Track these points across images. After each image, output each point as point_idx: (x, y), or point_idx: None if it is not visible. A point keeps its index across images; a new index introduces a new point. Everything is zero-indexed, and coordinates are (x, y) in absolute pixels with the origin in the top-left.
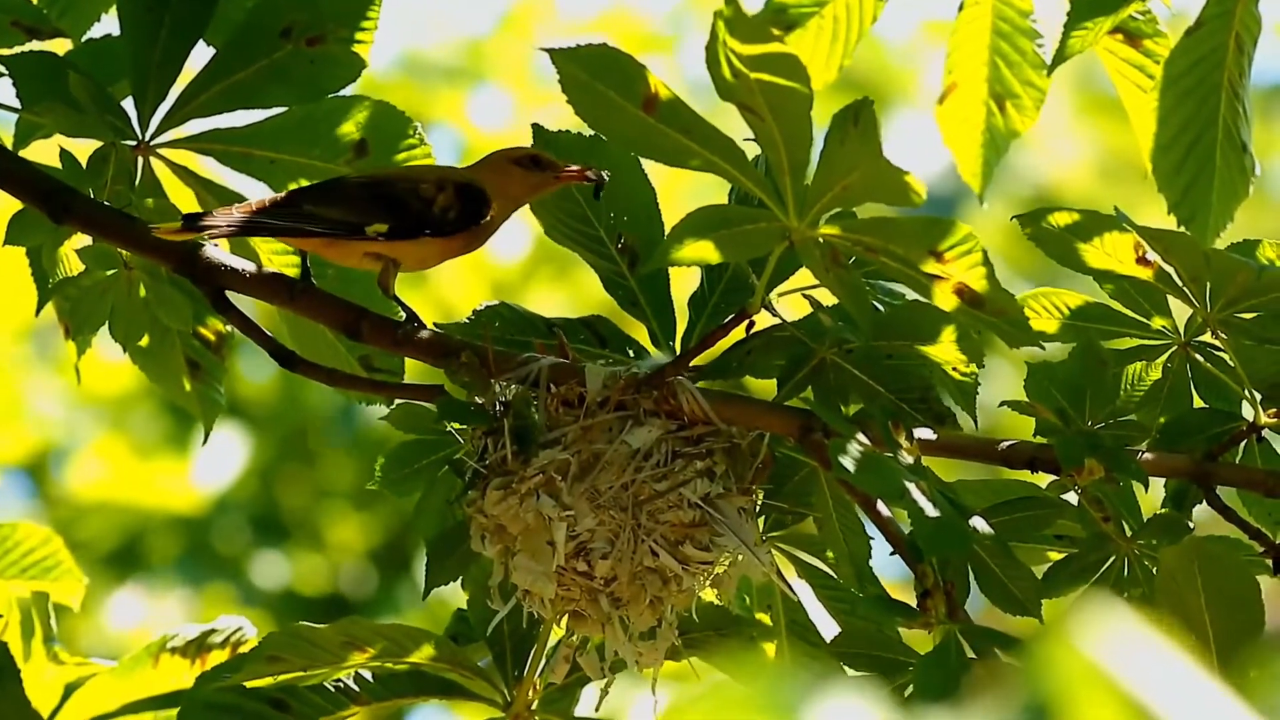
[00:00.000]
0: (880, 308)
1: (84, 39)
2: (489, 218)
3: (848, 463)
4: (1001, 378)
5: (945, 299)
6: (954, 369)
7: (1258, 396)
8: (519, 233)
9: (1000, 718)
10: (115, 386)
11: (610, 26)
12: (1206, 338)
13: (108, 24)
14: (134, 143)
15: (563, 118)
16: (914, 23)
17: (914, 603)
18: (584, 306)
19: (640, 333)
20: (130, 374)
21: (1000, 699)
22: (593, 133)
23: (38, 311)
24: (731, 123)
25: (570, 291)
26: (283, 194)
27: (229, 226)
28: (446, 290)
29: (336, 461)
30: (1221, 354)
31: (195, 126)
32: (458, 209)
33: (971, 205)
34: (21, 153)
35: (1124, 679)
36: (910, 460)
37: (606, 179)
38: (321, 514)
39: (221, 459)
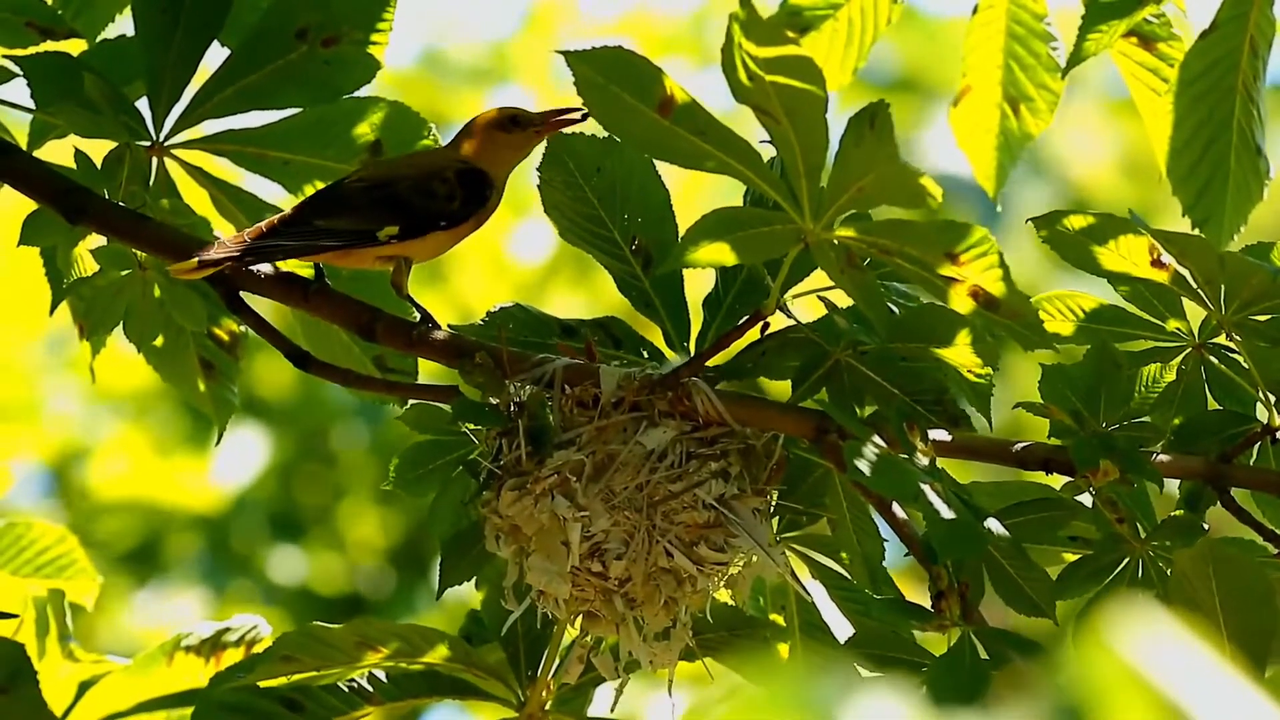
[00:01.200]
0: (895, 310)
1: (98, 40)
2: (492, 196)
3: (863, 464)
4: (1017, 378)
5: (961, 301)
6: (969, 371)
7: (1272, 399)
8: (541, 235)
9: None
10: (134, 384)
11: (632, 28)
12: (1221, 340)
13: (122, 25)
14: (148, 143)
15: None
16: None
17: (926, 600)
18: (603, 308)
19: (655, 334)
20: (149, 372)
21: (1030, 701)
22: (608, 134)
23: (51, 311)
24: (750, 123)
25: (589, 293)
26: (289, 211)
27: (243, 256)
28: (466, 291)
29: (355, 460)
30: (1236, 356)
31: (210, 127)
32: (461, 196)
33: (1011, 198)
34: (36, 153)
35: (1158, 680)
36: (925, 462)
37: (581, 117)
38: (340, 513)
39: (241, 458)
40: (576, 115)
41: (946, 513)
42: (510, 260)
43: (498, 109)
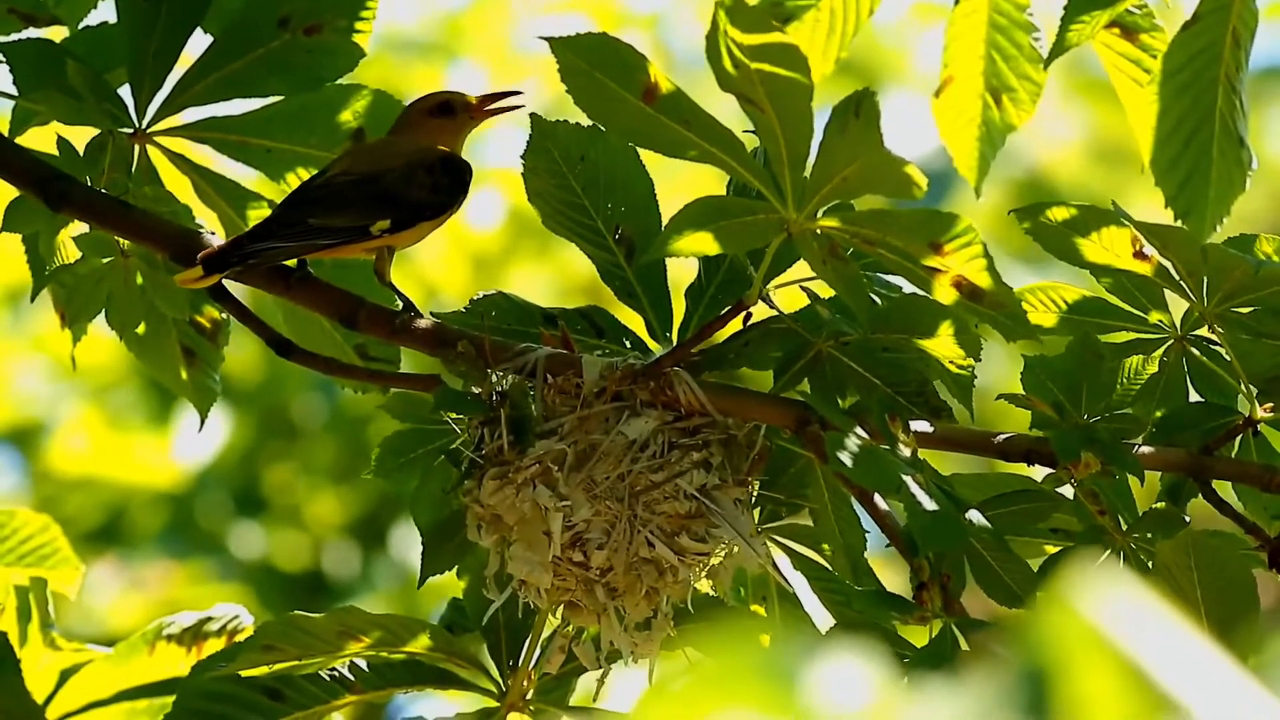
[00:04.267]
0: (878, 300)
1: (81, 26)
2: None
3: (844, 456)
4: (998, 364)
5: (944, 292)
6: (951, 362)
7: (1254, 391)
8: (491, 204)
9: (997, 686)
10: (97, 362)
11: (587, 3)
12: (1203, 332)
13: (105, 11)
14: (131, 131)
15: (538, 95)
16: (906, 4)
17: (907, 590)
18: (568, 283)
19: (637, 323)
20: (112, 350)
21: (997, 668)
22: (592, 124)
23: (33, 298)
24: (714, 101)
25: (553, 269)
26: (280, 209)
27: (246, 261)
28: (429, 270)
29: (316, 435)
30: (1218, 348)
31: (192, 115)
32: (446, 183)
33: (963, 187)
34: (18, 140)
35: (1123, 645)
36: (907, 453)
37: (520, 101)
38: (301, 488)
39: (203, 435)
40: (514, 101)
41: (928, 504)
42: (468, 232)
43: (429, 95)
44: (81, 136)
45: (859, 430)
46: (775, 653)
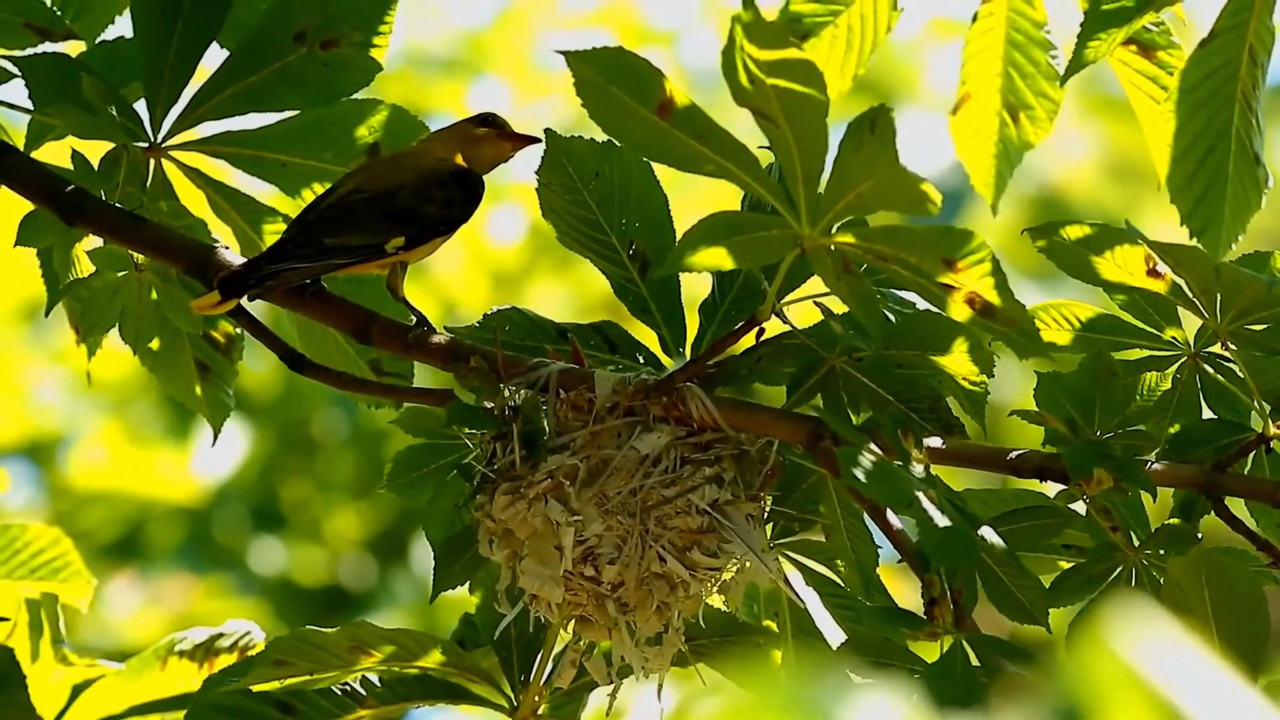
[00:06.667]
0: (891, 316)
1: (97, 41)
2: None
3: (857, 471)
4: (1011, 380)
5: (957, 309)
6: (964, 378)
7: (1267, 408)
8: (512, 220)
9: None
10: (117, 376)
11: (609, 19)
12: (1216, 349)
13: (121, 26)
14: (146, 145)
15: (560, 111)
16: (921, 20)
17: (919, 602)
18: (586, 299)
19: (651, 338)
20: (131, 364)
21: (1029, 703)
22: (607, 139)
23: (47, 312)
24: (733, 116)
25: (572, 285)
26: (295, 229)
27: (263, 284)
28: (448, 284)
29: (336, 452)
30: (1231, 365)
31: (207, 129)
32: (459, 198)
33: (977, 204)
34: (33, 154)
35: (1157, 681)
36: (919, 469)
37: (541, 140)
38: (320, 503)
39: (222, 450)
40: (537, 143)
41: (940, 520)
42: (489, 246)
43: (473, 116)
44: (96, 151)
45: (872, 446)
46: (802, 691)
